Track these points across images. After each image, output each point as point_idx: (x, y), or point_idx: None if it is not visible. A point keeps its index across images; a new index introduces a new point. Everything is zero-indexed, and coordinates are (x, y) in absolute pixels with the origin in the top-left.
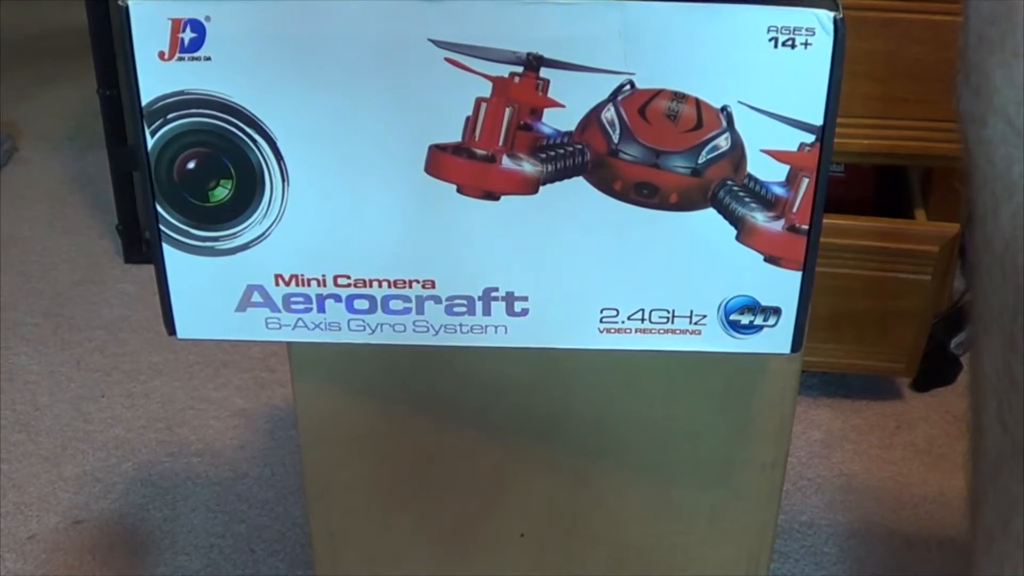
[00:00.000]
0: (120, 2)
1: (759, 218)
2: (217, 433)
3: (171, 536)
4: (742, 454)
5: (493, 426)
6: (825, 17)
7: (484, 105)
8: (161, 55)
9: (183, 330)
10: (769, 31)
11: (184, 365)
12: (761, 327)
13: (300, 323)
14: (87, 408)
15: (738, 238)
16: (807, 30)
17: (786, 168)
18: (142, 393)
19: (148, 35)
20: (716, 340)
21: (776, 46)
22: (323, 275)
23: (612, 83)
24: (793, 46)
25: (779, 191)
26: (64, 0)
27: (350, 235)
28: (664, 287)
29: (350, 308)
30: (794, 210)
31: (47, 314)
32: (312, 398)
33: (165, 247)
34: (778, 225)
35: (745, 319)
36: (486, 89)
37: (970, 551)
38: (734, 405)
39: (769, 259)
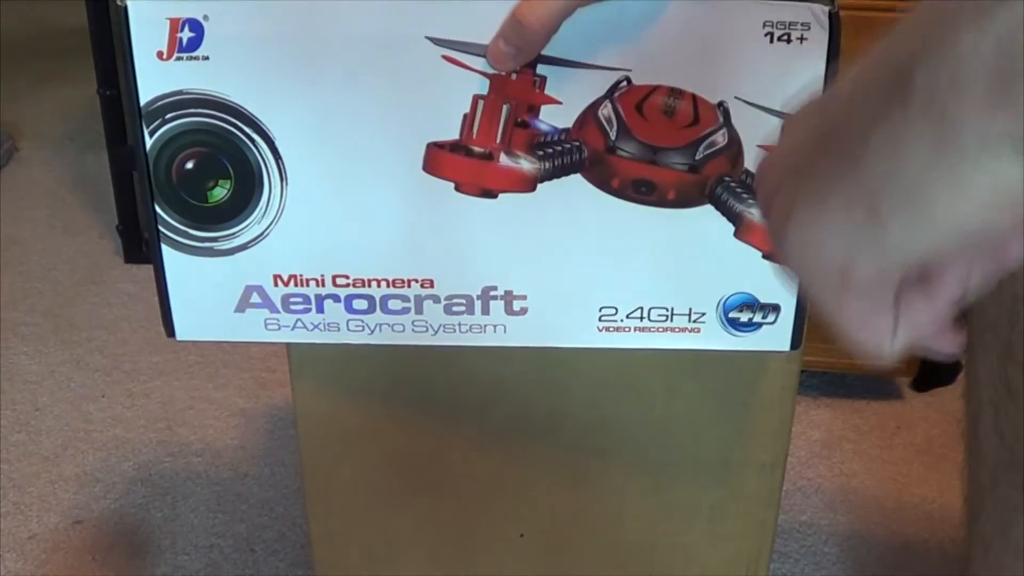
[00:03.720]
0: (119, 2)
1: (757, 214)
2: (217, 433)
3: (171, 536)
4: (741, 454)
5: (493, 426)
6: (820, 11)
7: (481, 102)
8: (160, 55)
9: (182, 332)
10: (765, 26)
11: (184, 365)
12: (760, 325)
13: (299, 324)
14: (87, 408)
15: (736, 234)
16: (803, 24)
17: None
18: (142, 393)
19: (147, 35)
20: (715, 338)
21: (772, 41)
22: (322, 275)
23: (609, 79)
24: (789, 41)
25: None
26: (64, 0)
27: (349, 234)
28: (663, 285)
29: (349, 308)
30: None
31: (47, 314)
32: (312, 398)
33: (164, 248)
34: None
35: (744, 316)
36: (483, 86)
37: (967, 559)
38: (734, 405)
39: (768, 255)
